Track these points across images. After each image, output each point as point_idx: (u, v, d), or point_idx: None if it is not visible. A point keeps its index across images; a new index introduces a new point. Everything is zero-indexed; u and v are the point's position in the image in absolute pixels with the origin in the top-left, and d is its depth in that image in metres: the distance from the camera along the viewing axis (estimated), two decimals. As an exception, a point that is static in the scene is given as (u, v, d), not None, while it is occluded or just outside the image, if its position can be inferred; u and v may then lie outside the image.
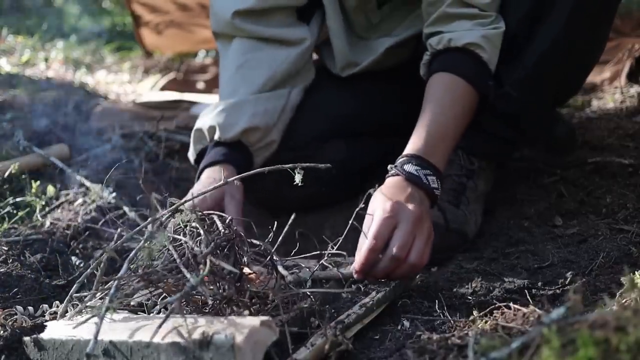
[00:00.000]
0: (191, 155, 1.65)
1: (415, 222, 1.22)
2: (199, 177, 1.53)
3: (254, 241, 1.14)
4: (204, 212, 1.14)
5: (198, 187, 1.46)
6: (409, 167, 1.29)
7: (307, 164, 1.14)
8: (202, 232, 1.07)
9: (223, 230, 1.08)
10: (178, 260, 1.02)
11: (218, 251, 1.05)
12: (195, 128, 1.62)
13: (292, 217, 1.18)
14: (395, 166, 1.32)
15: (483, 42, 1.42)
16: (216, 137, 1.57)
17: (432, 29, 1.49)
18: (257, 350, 0.92)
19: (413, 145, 1.34)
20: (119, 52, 4.52)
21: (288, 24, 1.69)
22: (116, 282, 1.02)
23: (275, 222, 1.21)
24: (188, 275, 0.98)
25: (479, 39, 1.42)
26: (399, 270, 1.21)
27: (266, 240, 1.15)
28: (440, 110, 1.38)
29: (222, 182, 1.18)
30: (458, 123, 1.40)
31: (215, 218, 1.11)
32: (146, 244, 1.03)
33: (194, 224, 1.09)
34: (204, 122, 1.60)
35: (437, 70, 1.44)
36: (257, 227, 1.29)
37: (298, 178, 1.13)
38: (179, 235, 1.08)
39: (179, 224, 1.10)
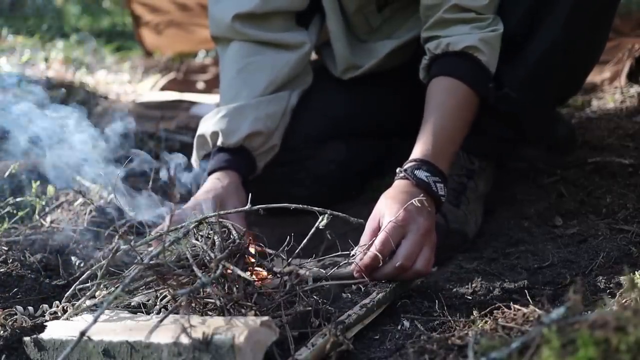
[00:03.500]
0: (194, 161, 1.64)
1: (425, 234, 1.22)
2: (203, 184, 1.53)
3: (269, 250, 1.15)
4: (219, 221, 1.16)
5: (201, 194, 1.46)
6: (420, 174, 1.29)
7: (339, 213, 1.17)
8: (216, 238, 1.07)
9: (237, 239, 1.09)
10: (191, 260, 1.02)
11: (231, 258, 1.06)
12: (197, 134, 1.62)
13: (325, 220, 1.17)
14: (405, 170, 1.31)
15: (481, 45, 1.42)
16: (219, 143, 1.57)
17: (430, 33, 1.49)
18: (257, 350, 0.92)
19: (421, 150, 1.34)
20: (119, 52, 4.52)
21: (287, 28, 1.69)
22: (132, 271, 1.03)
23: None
24: (199, 274, 0.98)
25: (477, 42, 1.41)
26: (402, 276, 1.22)
27: (281, 248, 1.16)
28: (443, 114, 1.38)
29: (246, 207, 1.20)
30: (461, 127, 1.41)
31: (230, 226, 1.12)
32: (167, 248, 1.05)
33: (205, 231, 1.10)
34: (206, 128, 1.59)
35: (437, 75, 1.44)
36: (258, 227, 1.29)
37: (323, 223, 1.15)
38: (193, 238, 1.10)
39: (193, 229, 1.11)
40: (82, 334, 0.87)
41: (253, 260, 1.12)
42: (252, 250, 1.13)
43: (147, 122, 2.45)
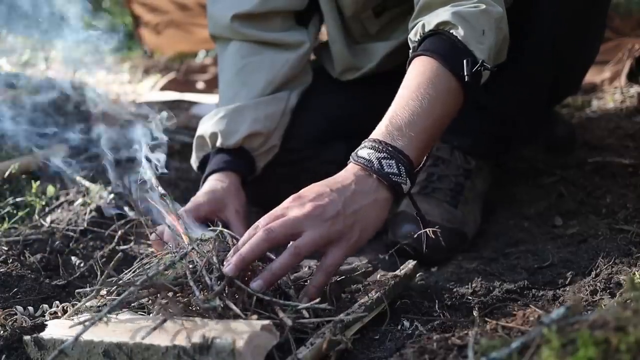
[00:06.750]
0: (194, 162, 1.64)
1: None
2: (202, 185, 1.52)
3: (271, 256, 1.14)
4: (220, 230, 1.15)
5: (200, 195, 1.46)
6: (362, 152, 1.17)
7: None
8: (216, 261, 1.06)
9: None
10: (189, 277, 1.02)
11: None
12: (196, 135, 1.61)
13: None
14: (352, 155, 1.20)
15: (454, 19, 1.27)
16: (218, 144, 1.56)
17: (413, 23, 1.38)
18: (257, 354, 0.92)
19: (374, 131, 1.22)
20: (119, 52, 4.52)
21: (286, 27, 1.69)
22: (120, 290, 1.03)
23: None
24: (197, 292, 0.98)
25: (449, 17, 1.27)
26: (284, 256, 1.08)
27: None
28: (408, 93, 1.25)
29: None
30: (430, 104, 1.22)
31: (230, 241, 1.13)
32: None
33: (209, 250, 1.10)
34: (205, 129, 1.59)
35: (412, 59, 1.32)
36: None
37: None
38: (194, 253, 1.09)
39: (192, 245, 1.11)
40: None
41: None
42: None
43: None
